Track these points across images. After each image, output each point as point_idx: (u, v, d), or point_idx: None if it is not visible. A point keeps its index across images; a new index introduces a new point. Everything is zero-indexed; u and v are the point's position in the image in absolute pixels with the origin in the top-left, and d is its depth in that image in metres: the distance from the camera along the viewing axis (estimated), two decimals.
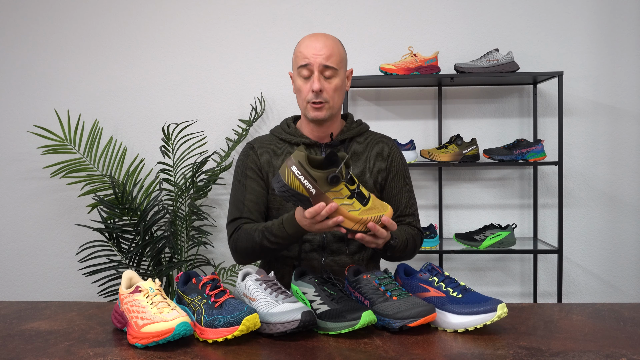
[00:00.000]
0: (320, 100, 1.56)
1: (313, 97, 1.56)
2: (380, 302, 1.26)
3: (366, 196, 1.31)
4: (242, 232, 1.57)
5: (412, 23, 2.90)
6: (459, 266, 2.93)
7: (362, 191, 1.31)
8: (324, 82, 1.56)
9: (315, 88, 1.54)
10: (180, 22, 2.95)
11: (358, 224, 1.29)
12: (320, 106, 1.57)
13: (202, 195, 2.79)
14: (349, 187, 1.29)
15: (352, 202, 1.29)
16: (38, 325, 1.32)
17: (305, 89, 1.58)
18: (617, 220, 2.89)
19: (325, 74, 1.56)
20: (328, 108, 1.58)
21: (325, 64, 1.55)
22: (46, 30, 2.97)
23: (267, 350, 1.13)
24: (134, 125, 2.97)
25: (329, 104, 1.58)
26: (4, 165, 2.99)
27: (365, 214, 1.29)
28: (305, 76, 1.57)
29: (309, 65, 1.56)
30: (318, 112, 1.58)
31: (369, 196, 1.32)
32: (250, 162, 1.66)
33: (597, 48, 2.86)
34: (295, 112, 2.68)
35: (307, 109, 1.59)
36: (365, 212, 1.29)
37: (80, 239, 2.89)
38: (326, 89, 1.57)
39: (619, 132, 2.87)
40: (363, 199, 1.30)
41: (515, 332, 1.22)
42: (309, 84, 1.57)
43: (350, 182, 1.29)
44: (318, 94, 1.56)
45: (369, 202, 1.31)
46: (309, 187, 1.26)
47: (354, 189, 1.29)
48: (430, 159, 2.67)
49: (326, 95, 1.57)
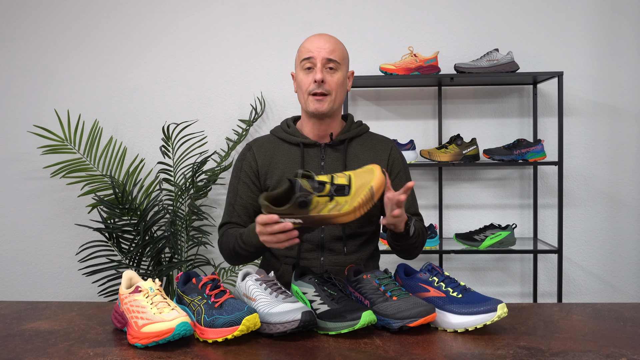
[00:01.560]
0: (322, 91, 1.57)
1: (315, 88, 1.57)
2: (380, 302, 1.26)
3: (346, 183, 1.24)
4: (224, 237, 1.61)
5: (412, 23, 2.90)
6: (459, 266, 2.93)
7: (340, 182, 1.24)
8: (326, 74, 1.57)
9: (318, 78, 1.55)
10: (180, 22, 2.95)
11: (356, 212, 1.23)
12: (322, 98, 1.57)
13: (202, 195, 2.79)
14: (323, 195, 1.23)
15: (335, 203, 1.24)
16: (38, 325, 1.32)
17: (307, 81, 1.58)
18: (617, 220, 2.89)
19: (328, 66, 1.58)
20: (330, 101, 1.58)
21: (328, 57, 1.57)
22: (46, 30, 2.97)
23: (267, 350, 1.13)
24: (134, 125, 2.97)
25: (331, 96, 1.58)
26: (4, 165, 2.99)
27: (354, 201, 1.23)
28: (307, 67, 1.58)
29: (312, 58, 1.57)
30: (319, 105, 1.58)
31: (349, 180, 1.25)
32: (245, 166, 1.67)
33: (597, 48, 2.86)
34: (296, 113, 2.68)
35: (308, 102, 1.59)
36: (352, 199, 1.23)
37: (80, 239, 2.89)
38: (328, 80, 1.57)
39: (619, 132, 2.87)
40: (344, 189, 1.24)
41: (515, 332, 1.22)
42: (312, 75, 1.57)
43: (319, 189, 1.23)
44: (320, 84, 1.56)
45: (351, 188, 1.24)
46: (293, 220, 1.24)
47: (328, 192, 1.23)
48: (430, 159, 2.67)
49: (328, 87, 1.57)
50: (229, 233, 1.59)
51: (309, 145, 1.65)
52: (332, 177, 1.26)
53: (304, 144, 1.64)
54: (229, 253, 1.58)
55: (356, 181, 1.25)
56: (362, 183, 1.25)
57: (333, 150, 1.64)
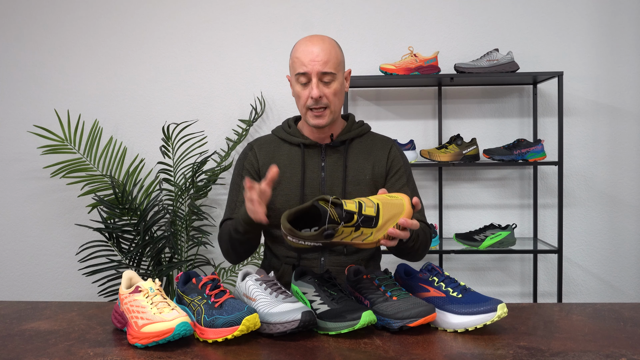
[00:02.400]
0: (320, 106, 1.55)
1: (313, 104, 1.55)
2: (380, 302, 1.26)
3: (374, 215, 1.22)
4: (223, 228, 1.64)
5: (412, 23, 2.90)
6: (459, 266, 2.93)
7: (367, 214, 1.21)
8: (322, 87, 1.54)
9: (315, 95, 1.52)
10: (180, 22, 2.95)
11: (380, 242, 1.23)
12: (321, 113, 1.56)
13: (202, 195, 2.79)
14: (349, 225, 1.21)
15: (360, 232, 1.22)
16: (38, 325, 1.32)
17: (304, 96, 1.56)
18: (617, 220, 2.89)
19: (323, 80, 1.54)
20: (329, 113, 1.57)
21: (323, 70, 1.53)
22: (46, 30, 2.97)
23: (267, 350, 1.13)
24: (134, 125, 2.97)
25: (329, 108, 1.56)
26: (4, 165, 2.99)
27: (380, 233, 1.22)
28: (303, 82, 1.56)
29: (306, 73, 1.53)
30: (319, 120, 1.57)
31: (378, 212, 1.22)
32: (247, 164, 1.67)
33: (597, 48, 2.86)
34: (296, 112, 2.68)
35: (308, 117, 1.58)
36: (379, 230, 1.22)
37: (80, 239, 2.89)
38: (326, 94, 1.55)
39: (619, 132, 2.87)
40: (372, 221, 1.21)
41: (515, 332, 1.22)
42: (308, 90, 1.55)
43: (347, 219, 1.21)
44: (318, 100, 1.54)
45: (378, 220, 1.22)
46: (314, 244, 1.21)
47: (355, 222, 1.21)
48: (430, 159, 2.67)
49: (326, 100, 1.55)
50: (227, 223, 1.61)
51: (309, 146, 1.64)
52: (361, 206, 1.22)
53: (304, 144, 1.64)
54: (226, 243, 1.60)
55: (384, 213, 1.23)
56: (390, 216, 1.23)
57: (333, 150, 1.64)
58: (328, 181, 1.61)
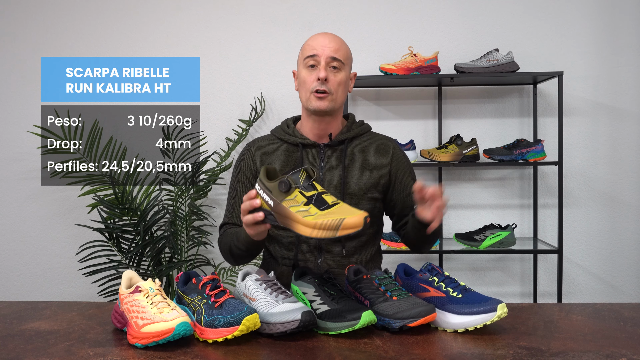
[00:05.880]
0: (324, 89, 1.57)
1: (318, 85, 1.57)
2: (380, 302, 1.26)
3: (329, 203, 1.24)
4: (223, 237, 1.63)
5: (412, 23, 2.90)
6: (459, 266, 2.93)
7: (325, 198, 1.25)
8: (329, 72, 1.58)
9: (322, 76, 1.56)
10: (180, 22, 2.95)
11: (315, 229, 1.21)
12: (324, 96, 1.57)
13: (202, 195, 2.79)
14: (305, 194, 1.25)
15: (308, 208, 1.24)
16: (38, 325, 1.32)
17: (310, 79, 1.58)
18: (617, 220, 2.89)
19: (331, 65, 1.58)
20: (331, 100, 1.58)
21: (333, 55, 1.58)
22: (46, 30, 2.96)
23: (267, 350, 1.13)
24: (134, 125, 2.97)
25: (332, 95, 1.58)
26: (4, 165, 2.99)
27: (321, 218, 1.22)
28: (311, 65, 1.59)
29: (316, 55, 1.58)
30: (321, 102, 1.58)
31: (334, 204, 1.25)
32: (244, 167, 1.67)
33: (597, 48, 2.86)
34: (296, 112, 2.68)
35: (310, 99, 1.59)
36: (321, 216, 1.22)
37: (80, 239, 2.88)
38: (331, 80, 1.58)
39: (619, 132, 2.87)
40: (323, 204, 1.24)
41: (515, 332, 1.22)
42: (315, 73, 1.58)
43: (308, 189, 1.26)
44: (323, 82, 1.57)
45: (329, 208, 1.24)
46: (267, 199, 1.27)
47: (311, 196, 1.25)
48: (430, 159, 2.67)
49: (330, 86, 1.57)
50: (227, 233, 1.60)
51: (308, 146, 1.64)
52: (324, 192, 1.27)
53: (303, 144, 1.64)
54: (227, 253, 1.60)
55: (338, 209, 1.23)
56: (340, 213, 1.22)
57: (332, 150, 1.64)
58: (326, 181, 1.60)
